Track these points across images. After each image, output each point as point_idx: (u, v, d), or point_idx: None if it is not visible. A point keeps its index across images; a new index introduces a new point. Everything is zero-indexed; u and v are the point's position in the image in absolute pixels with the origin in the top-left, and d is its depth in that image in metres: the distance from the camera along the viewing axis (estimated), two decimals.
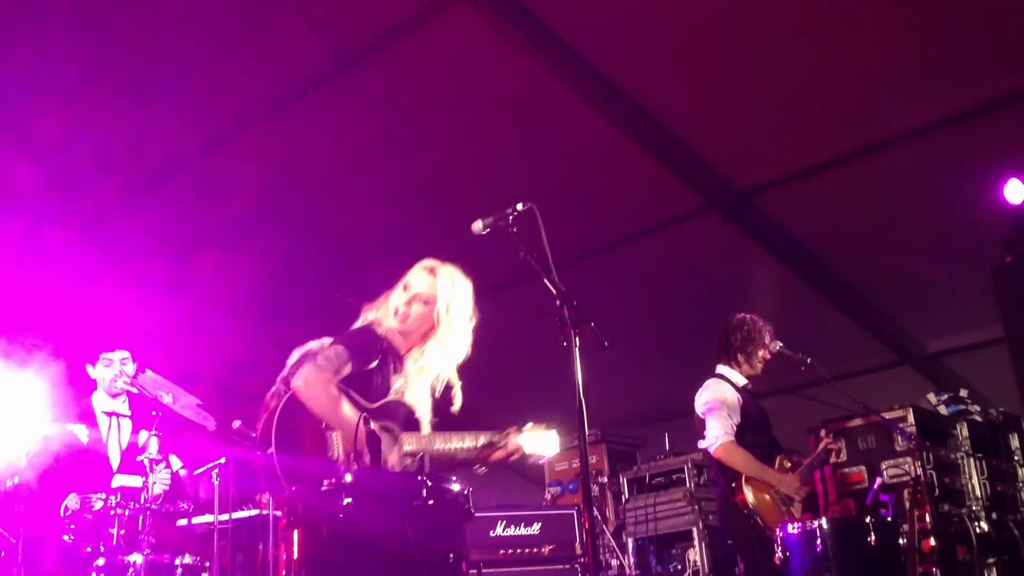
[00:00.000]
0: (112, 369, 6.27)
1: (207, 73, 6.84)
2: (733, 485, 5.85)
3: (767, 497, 5.83)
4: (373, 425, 3.76)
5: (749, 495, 5.79)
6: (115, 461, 6.16)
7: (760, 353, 6.17)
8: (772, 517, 5.77)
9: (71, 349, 6.39)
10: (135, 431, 6.28)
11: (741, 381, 6.15)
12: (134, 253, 8.38)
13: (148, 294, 8.59)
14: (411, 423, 4.05)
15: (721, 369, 6.21)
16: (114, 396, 6.32)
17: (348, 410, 3.81)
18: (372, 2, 6.43)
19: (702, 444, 6.05)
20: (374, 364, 4.06)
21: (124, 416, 6.32)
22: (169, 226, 8.27)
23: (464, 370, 4.25)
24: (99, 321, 8.27)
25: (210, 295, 8.63)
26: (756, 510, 5.77)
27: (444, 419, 4.21)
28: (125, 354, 6.35)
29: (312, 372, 3.83)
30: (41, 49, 6.37)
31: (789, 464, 6.04)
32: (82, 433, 6.07)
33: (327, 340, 4.10)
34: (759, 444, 6.00)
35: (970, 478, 7.38)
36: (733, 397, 6.03)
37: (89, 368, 6.35)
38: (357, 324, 4.24)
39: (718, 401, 6.00)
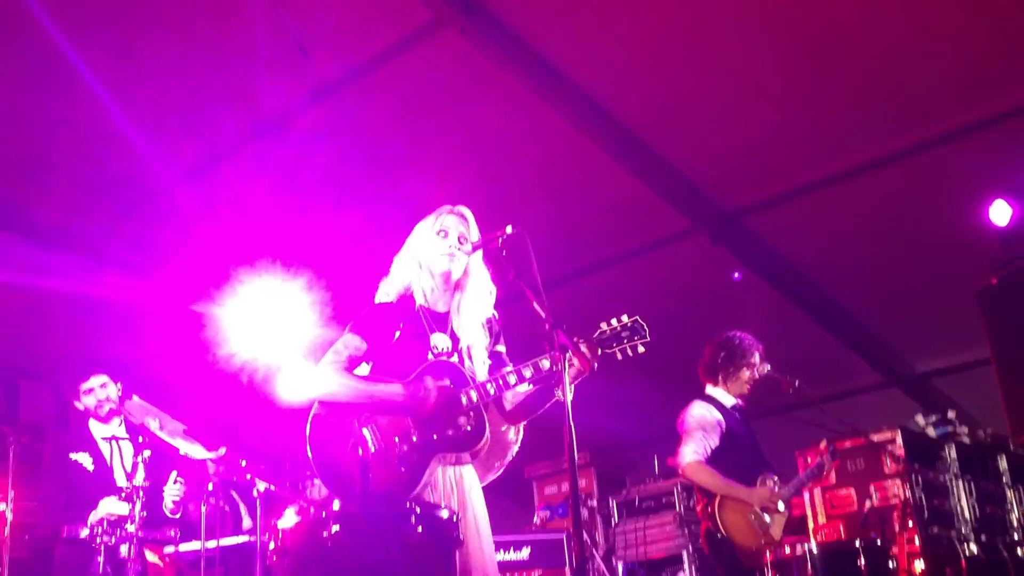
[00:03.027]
0: (94, 396, 6.22)
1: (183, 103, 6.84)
2: (709, 509, 5.81)
3: (743, 519, 5.76)
4: None
5: (723, 517, 5.74)
6: (122, 484, 6.09)
7: (744, 373, 6.11)
8: (747, 539, 5.70)
9: (55, 373, 6.35)
10: (137, 452, 6.22)
11: (730, 401, 6.12)
12: (121, 275, 8.34)
13: (135, 317, 8.54)
14: (459, 382, 3.96)
15: (710, 390, 6.18)
16: (105, 421, 6.25)
17: (377, 386, 3.87)
18: (358, 27, 6.43)
19: (671, 462, 6.03)
20: (398, 335, 4.02)
21: (124, 439, 6.25)
22: (157, 247, 8.24)
23: None
24: (83, 345, 8.23)
25: (199, 316, 8.59)
26: (730, 532, 5.72)
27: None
28: (103, 378, 6.29)
29: (322, 368, 3.93)
30: None
31: (772, 482, 5.91)
32: (86, 461, 6.02)
33: None
34: (744, 464, 5.93)
35: (959, 500, 7.37)
36: (712, 418, 5.98)
37: (76, 403, 6.29)
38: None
39: (694, 422, 5.97)
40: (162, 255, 8.34)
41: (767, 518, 5.79)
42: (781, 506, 5.84)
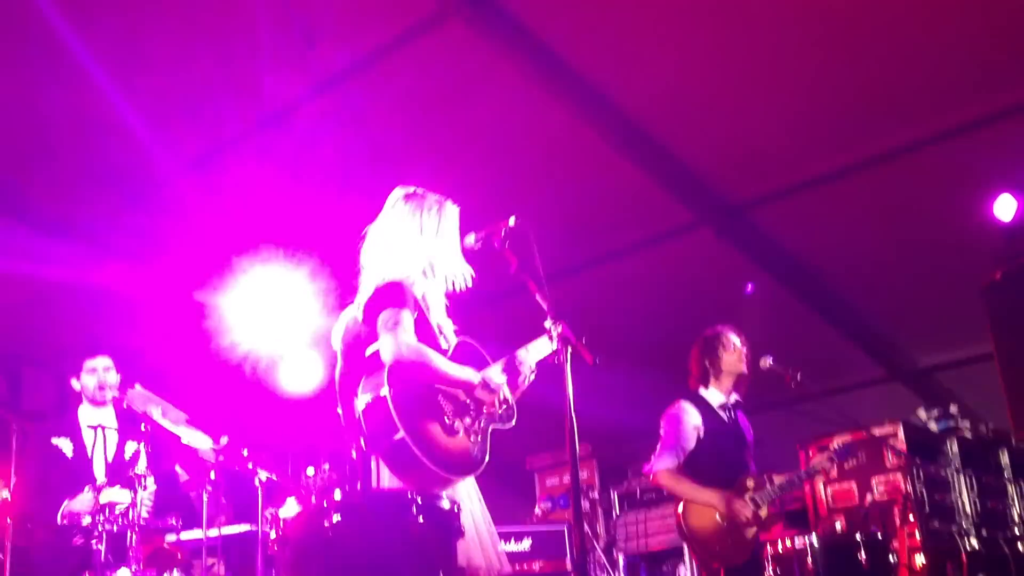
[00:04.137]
0: (96, 376, 6.20)
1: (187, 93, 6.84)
2: (678, 513, 5.77)
3: (711, 521, 5.64)
4: None
5: (689, 520, 5.68)
6: (100, 475, 6.08)
7: (726, 359, 5.92)
8: (715, 540, 5.61)
9: (57, 361, 6.34)
10: (121, 442, 6.20)
11: (718, 400, 5.94)
12: (124, 265, 8.35)
13: (138, 306, 8.55)
14: (480, 361, 4.03)
15: (701, 391, 5.99)
16: (99, 405, 6.23)
17: (454, 365, 3.85)
18: (363, 18, 6.43)
19: (645, 469, 5.95)
20: (416, 315, 3.98)
21: (110, 428, 6.23)
22: (160, 237, 8.25)
23: None
24: (86, 333, 8.24)
25: (201, 306, 8.60)
26: (696, 534, 5.65)
27: None
28: (107, 361, 6.25)
29: (404, 337, 3.75)
30: None
31: (752, 484, 5.73)
32: (66, 447, 5.99)
33: (357, 312, 4.04)
34: (722, 466, 5.80)
35: (960, 495, 7.38)
36: (690, 422, 5.84)
37: (74, 381, 6.26)
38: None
39: (669, 428, 5.88)
40: (166, 245, 8.34)
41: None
42: (750, 514, 5.62)
